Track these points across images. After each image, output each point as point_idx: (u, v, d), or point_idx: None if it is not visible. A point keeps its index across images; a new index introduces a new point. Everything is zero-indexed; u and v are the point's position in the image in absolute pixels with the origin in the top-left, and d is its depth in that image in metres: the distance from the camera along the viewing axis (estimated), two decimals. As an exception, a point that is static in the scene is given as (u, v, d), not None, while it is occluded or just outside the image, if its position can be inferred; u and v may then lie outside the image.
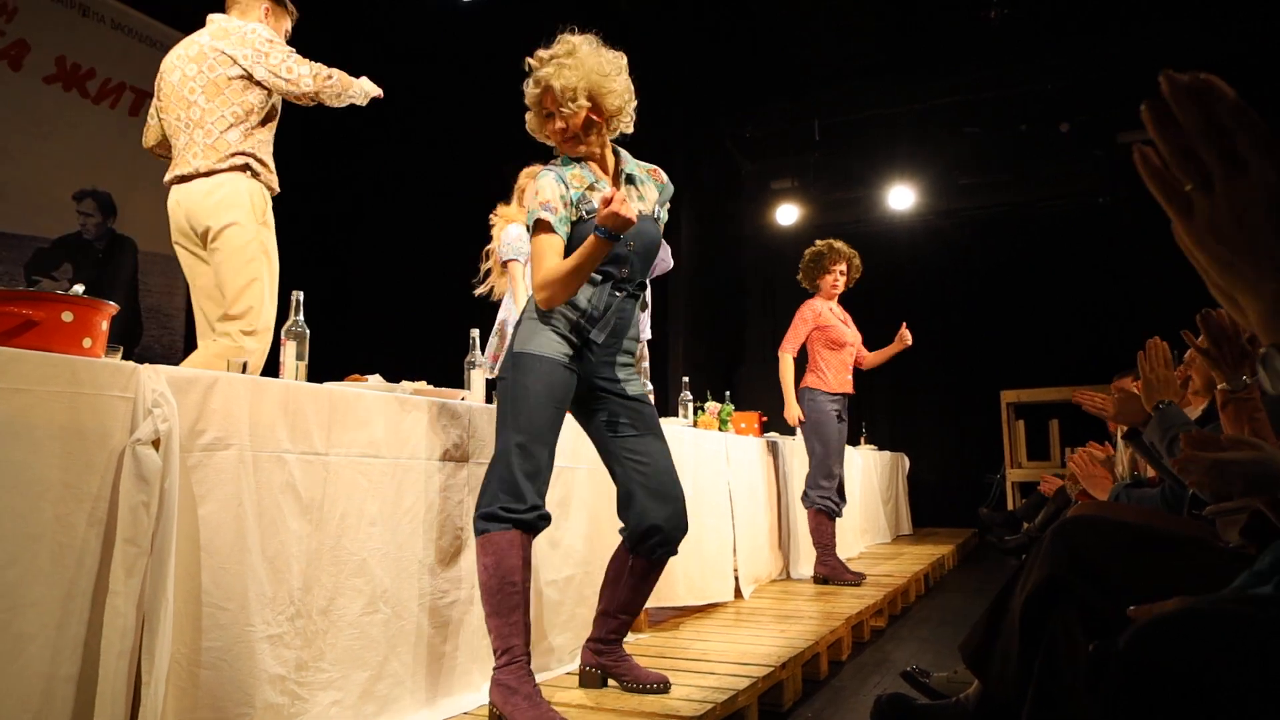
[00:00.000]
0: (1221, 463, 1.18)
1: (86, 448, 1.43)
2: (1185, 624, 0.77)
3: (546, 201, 2.10)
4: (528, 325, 2.13)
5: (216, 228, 2.82)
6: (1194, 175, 0.61)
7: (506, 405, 2.06)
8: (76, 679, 1.38)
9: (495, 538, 1.99)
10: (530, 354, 2.08)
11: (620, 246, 2.12)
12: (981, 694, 1.86)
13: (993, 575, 5.65)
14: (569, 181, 2.14)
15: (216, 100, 2.84)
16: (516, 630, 2.00)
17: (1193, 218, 0.61)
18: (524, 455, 2.01)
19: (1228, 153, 0.59)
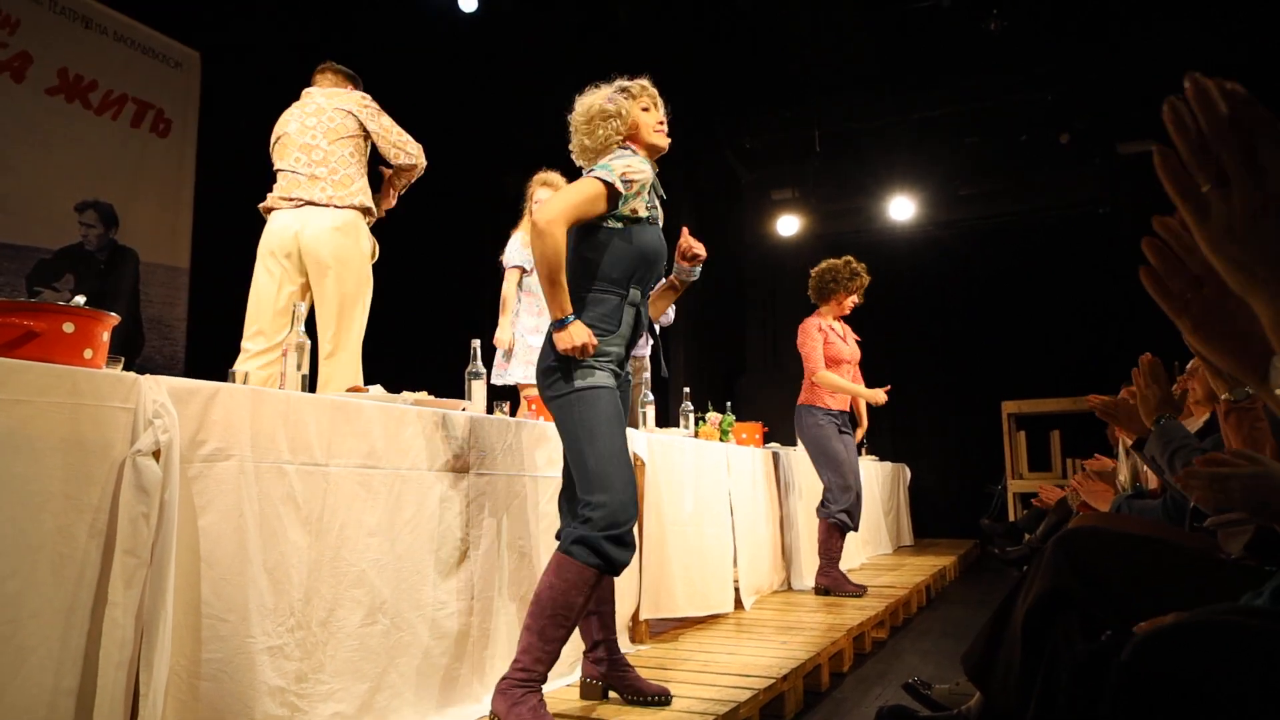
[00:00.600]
0: (1221, 477, 1.18)
1: (87, 459, 1.43)
2: (1188, 635, 0.76)
3: (631, 179, 2.13)
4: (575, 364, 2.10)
5: (334, 259, 3.11)
6: (1211, 176, 0.61)
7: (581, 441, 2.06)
8: (77, 692, 1.38)
9: (578, 567, 1.98)
10: (592, 388, 2.08)
11: (659, 264, 2.22)
12: (984, 706, 1.86)
13: (994, 586, 5.64)
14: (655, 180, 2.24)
15: (337, 144, 3.21)
16: (548, 658, 1.99)
17: (1209, 220, 0.61)
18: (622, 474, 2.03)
19: (1247, 156, 0.59)
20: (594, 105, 2.26)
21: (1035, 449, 7.98)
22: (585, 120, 2.27)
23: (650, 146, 2.29)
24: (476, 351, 2.79)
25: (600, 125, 2.25)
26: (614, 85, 2.30)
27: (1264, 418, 1.57)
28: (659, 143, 2.30)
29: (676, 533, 3.32)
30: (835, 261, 4.60)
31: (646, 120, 2.28)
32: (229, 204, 5.39)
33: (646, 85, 2.32)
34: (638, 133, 2.28)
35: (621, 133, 2.26)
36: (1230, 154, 0.60)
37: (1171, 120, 0.62)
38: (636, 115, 2.27)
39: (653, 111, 2.30)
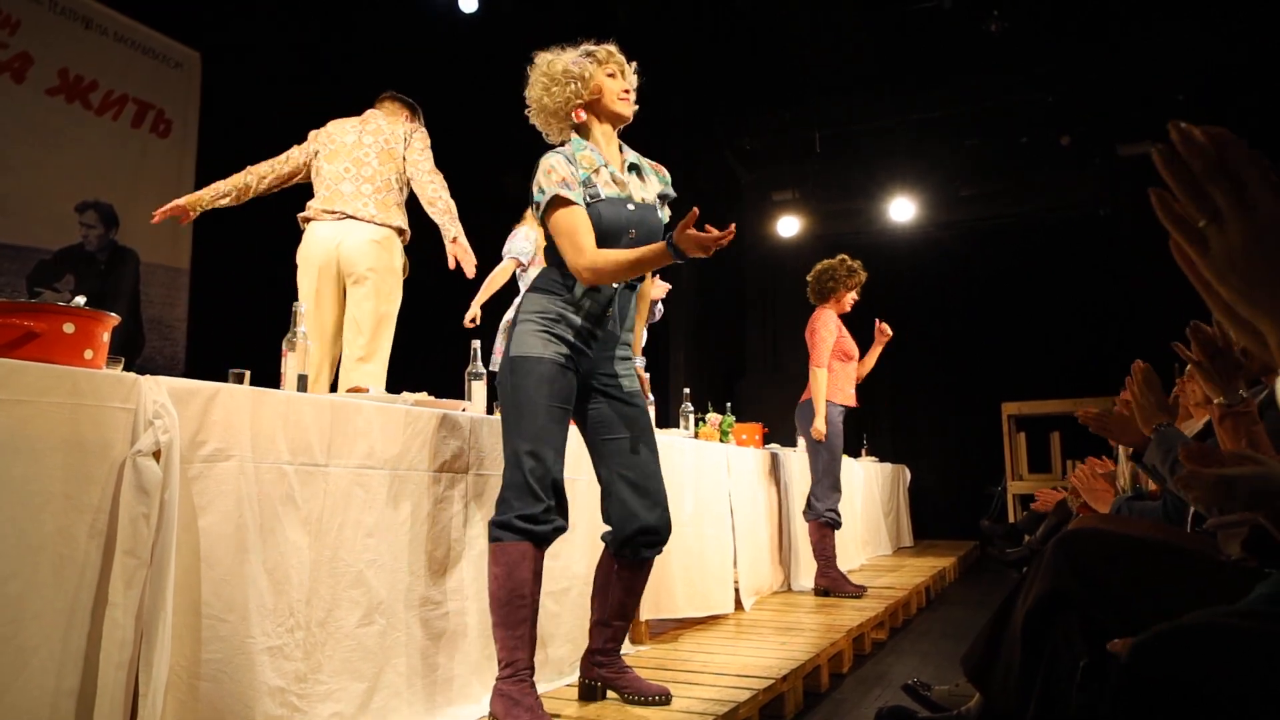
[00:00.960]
0: (1225, 478, 1.17)
1: (87, 459, 1.43)
2: (1188, 637, 0.76)
3: (563, 179, 2.11)
4: (524, 328, 2.12)
5: (372, 270, 3.24)
6: (1207, 212, 0.64)
7: (510, 411, 2.06)
8: (78, 692, 1.38)
9: (507, 548, 1.99)
10: (527, 357, 2.07)
11: (622, 238, 2.14)
12: (983, 707, 1.86)
13: (994, 588, 5.64)
14: (578, 161, 2.16)
15: (387, 165, 3.32)
16: (522, 644, 1.99)
17: (1210, 253, 0.65)
18: (534, 459, 2.01)
19: (1237, 193, 0.63)
20: (557, 65, 2.21)
21: (1035, 450, 7.99)
22: (547, 78, 2.22)
23: (613, 115, 2.25)
24: (476, 352, 2.79)
25: (561, 87, 2.21)
26: (580, 49, 2.25)
27: (1260, 420, 1.57)
28: (623, 111, 2.25)
29: (677, 534, 3.31)
30: (830, 261, 4.60)
31: (611, 86, 2.23)
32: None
33: (614, 51, 2.27)
34: (600, 98, 2.23)
35: (582, 97, 2.22)
36: (1221, 193, 0.64)
37: (1163, 164, 0.66)
38: (600, 80, 2.23)
39: (618, 79, 2.25)
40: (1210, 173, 0.64)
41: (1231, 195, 0.63)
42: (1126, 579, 1.44)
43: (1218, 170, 0.63)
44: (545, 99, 2.23)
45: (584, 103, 2.22)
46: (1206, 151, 0.64)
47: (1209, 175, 0.64)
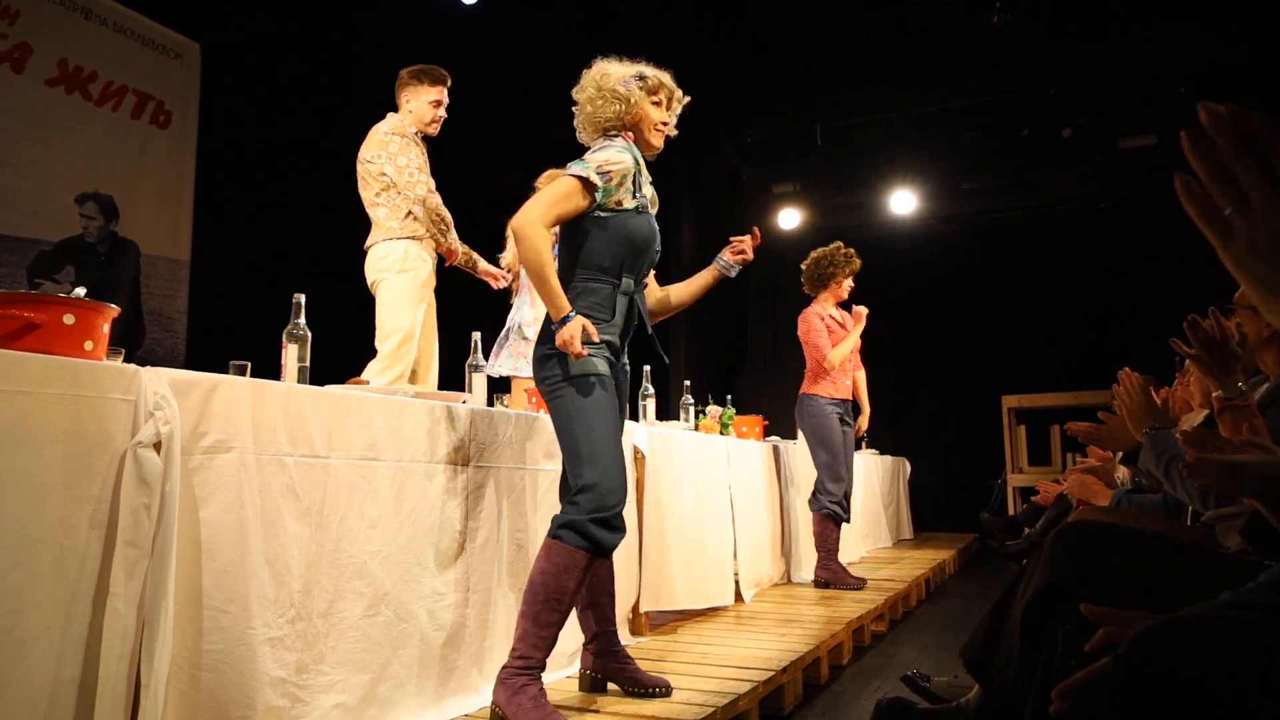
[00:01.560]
0: (1233, 465, 1.17)
1: (88, 450, 1.43)
2: (1186, 629, 0.77)
3: (609, 171, 2.11)
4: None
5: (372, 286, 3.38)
6: (1232, 199, 0.63)
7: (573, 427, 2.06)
8: (79, 682, 1.38)
9: (567, 550, 2.00)
10: (586, 375, 2.08)
11: (651, 252, 2.22)
12: (982, 698, 1.86)
13: (994, 580, 5.64)
14: (641, 169, 2.21)
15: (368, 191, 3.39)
16: (544, 643, 2.00)
17: (1233, 240, 0.63)
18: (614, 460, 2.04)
19: (1265, 175, 0.61)
20: (609, 80, 2.22)
21: (1035, 443, 8.00)
22: (597, 90, 2.23)
23: (645, 143, 2.28)
24: (477, 344, 2.79)
25: (607, 103, 2.22)
26: (635, 69, 2.26)
27: (1259, 414, 1.57)
28: (654, 142, 2.28)
29: (676, 525, 3.33)
30: (827, 248, 4.60)
31: (652, 116, 2.25)
32: (230, 196, 5.40)
33: (666, 81, 2.28)
34: (639, 125, 2.25)
35: (624, 119, 2.23)
36: (1248, 173, 0.61)
37: (1191, 147, 0.63)
38: (644, 108, 2.24)
39: (662, 110, 2.27)
40: (1238, 153, 0.62)
41: (1260, 178, 0.61)
42: (1126, 571, 1.44)
43: (1245, 151, 0.61)
44: (589, 108, 2.25)
45: (622, 125, 2.24)
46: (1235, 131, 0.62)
47: (1236, 156, 0.62)
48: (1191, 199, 0.65)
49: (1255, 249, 0.62)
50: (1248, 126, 0.61)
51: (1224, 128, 0.62)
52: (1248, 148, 0.61)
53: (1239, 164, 0.62)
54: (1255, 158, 0.61)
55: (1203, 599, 0.89)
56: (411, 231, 3.30)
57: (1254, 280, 0.63)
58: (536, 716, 1.90)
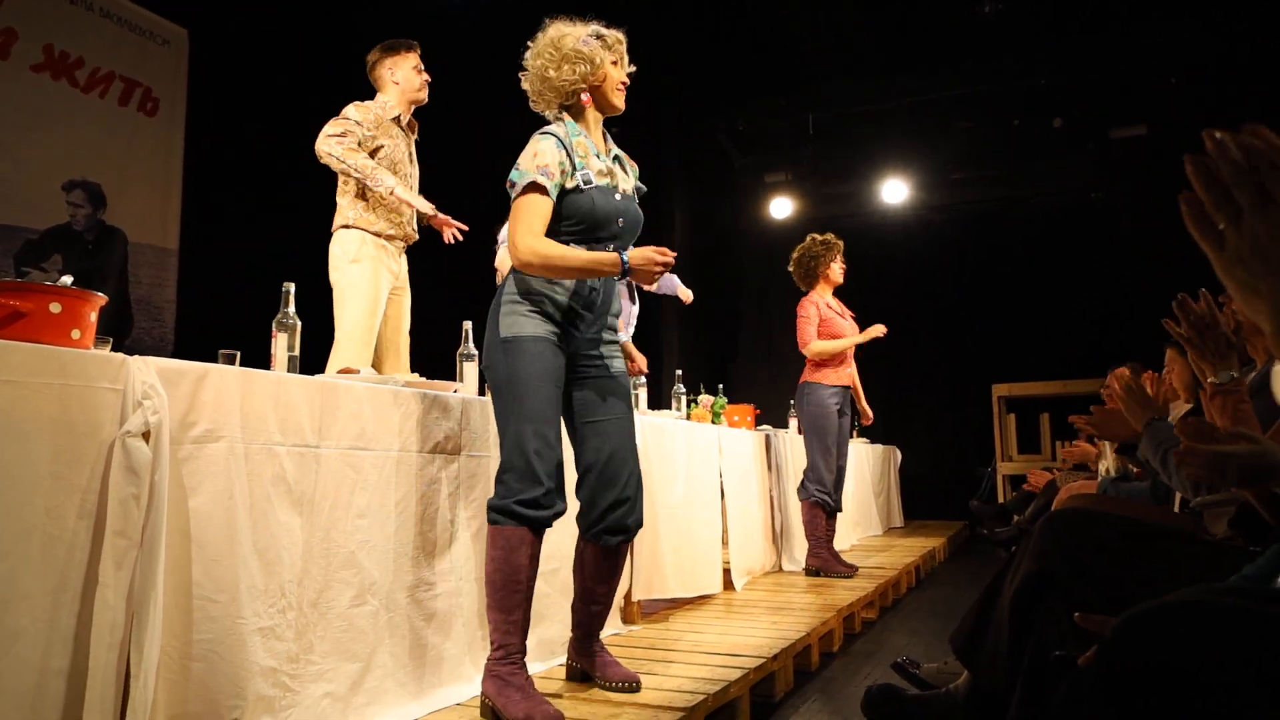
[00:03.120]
0: (1221, 455, 1.18)
1: (76, 440, 1.42)
2: (1171, 615, 0.77)
3: (545, 166, 2.07)
4: (510, 309, 2.10)
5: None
6: (1228, 214, 0.69)
7: (506, 392, 2.04)
8: (67, 673, 1.38)
9: (506, 532, 1.99)
10: (520, 337, 2.05)
11: (611, 225, 2.14)
12: (971, 684, 1.87)
13: (983, 567, 5.68)
14: (573, 148, 2.14)
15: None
16: (516, 628, 2.00)
17: (1224, 250, 0.70)
18: (539, 439, 2.00)
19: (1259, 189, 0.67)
20: (568, 42, 2.17)
21: (1025, 432, 8.03)
22: (556, 52, 2.16)
23: (609, 104, 2.23)
24: (468, 333, 2.79)
25: (570, 65, 2.16)
26: (589, 28, 2.21)
27: (1248, 399, 1.58)
28: (618, 102, 2.24)
29: (668, 514, 3.34)
30: (803, 244, 4.63)
31: (614, 76, 2.22)
32: (219, 185, 5.36)
33: (621, 39, 2.25)
34: (601, 85, 2.20)
35: (588, 80, 2.18)
36: (1245, 190, 0.68)
37: (1194, 172, 0.70)
38: (606, 67, 2.20)
39: (620, 67, 2.24)
40: (1238, 177, 0.68)
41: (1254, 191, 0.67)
42: (1113, 559, 1.45)
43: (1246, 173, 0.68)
44: (550, 72, 2.17)
45: (588, 87, 2.19)
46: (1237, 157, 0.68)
47: (1237, 179, 0.68)
48: (1192, 214, 0.71)
49: (1241, 256, 0.69)
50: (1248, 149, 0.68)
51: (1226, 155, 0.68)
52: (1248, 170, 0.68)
53: (1237, 182, 0.68)
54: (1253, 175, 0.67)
55: (1189, 585, 0.90)
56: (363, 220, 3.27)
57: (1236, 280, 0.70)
58: (525, 707, 1.90)
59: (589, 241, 2.12)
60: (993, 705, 1.74)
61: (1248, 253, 0.68)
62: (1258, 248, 0.67)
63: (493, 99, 3.21)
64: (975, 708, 1.85)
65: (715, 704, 2.13)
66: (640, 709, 2.00)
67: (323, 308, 3.24)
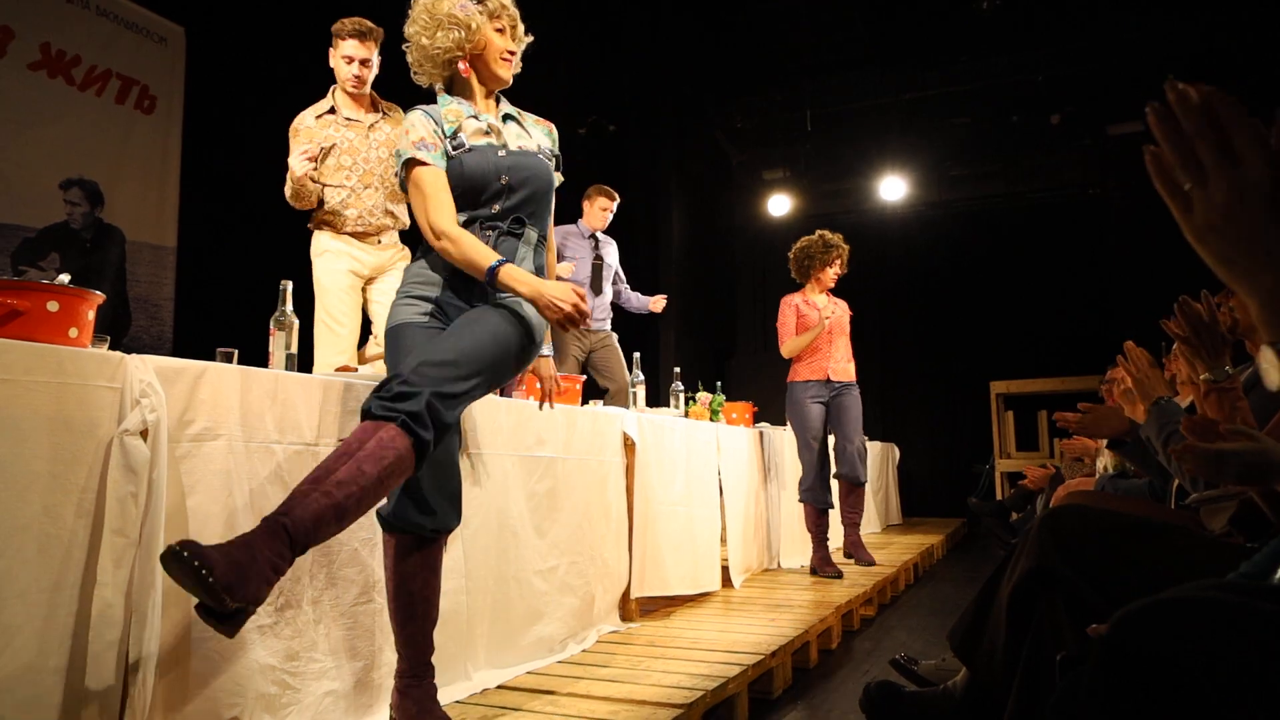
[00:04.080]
0: (1221, 452, 1.19)
1: (74, 438, 1.42)
2: (1169, 611, 0.77)
3: (421, 139, 1.97)
4: (395, 299, 2.02)
5: None
6: (1194, 174, 0.65)
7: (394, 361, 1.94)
8: (65, 671, 1.38)
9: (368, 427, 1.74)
10: (394, 327, 1.96)
11: (492, 184, 2.00)
12: (969, 681, 1.88)
13: (981, 564, 5.69)
14: (442, 117, 2.03)
15: None
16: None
17: (1192, 214, 0.66)
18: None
19: (1224, 149, 0.63)
20: (444, 5, 2.00)
21: (1023, 429, 8.05)
22: (430, 18, 2.01)
23: (491, 76, 2.07)
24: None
25: (445, 31, 2.00)
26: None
27: (1244, 396, 1.59)
28: (501, 74, 2.07)
29: (666, 512, 3.34)
30: (807, 239, 4.63)
31: (497, 44, 2.05)
32: (216, 182, 5.35)
33: (507, 4, 2.08)
34: (482, 54, 2.05)
35: (464, 48, 2.03)
36: (1208, 148, 0.64)
37: (1156, 122, 0.66)
38: (488, 34, 2.04)
39: (506, 36, 2.08)
40: (1200, 130, 0.64)
41: (1217, 150, 0.64)
42: (1111, 555, 1.45)
43: (1207, 129, 0.64)
44: (424, 40, 2.04)
45: (466, 55, 2.05)
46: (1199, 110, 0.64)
47: (1199, 133, 0.64)
48: (1158, 172, 0.68)
49: (1210, 223, 0.65)
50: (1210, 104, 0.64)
51: (1189, 107, 0.65)
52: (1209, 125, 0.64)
53: (1200, 141, 0.64)
54: (1215, 133, 0.64)
55: (1187, 581, 0.90)
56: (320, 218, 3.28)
57: (1210, 251, 0.66)
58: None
59: (475, 206, 2.00)
60: (991, 702, 1.74)
61: (1219, 220, 0.64)
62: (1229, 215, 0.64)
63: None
64: (973, 704, 1.85)
65: (713, 701, 2.13)
66: (639, 705, 2.00)
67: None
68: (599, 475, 2.95)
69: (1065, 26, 7.36)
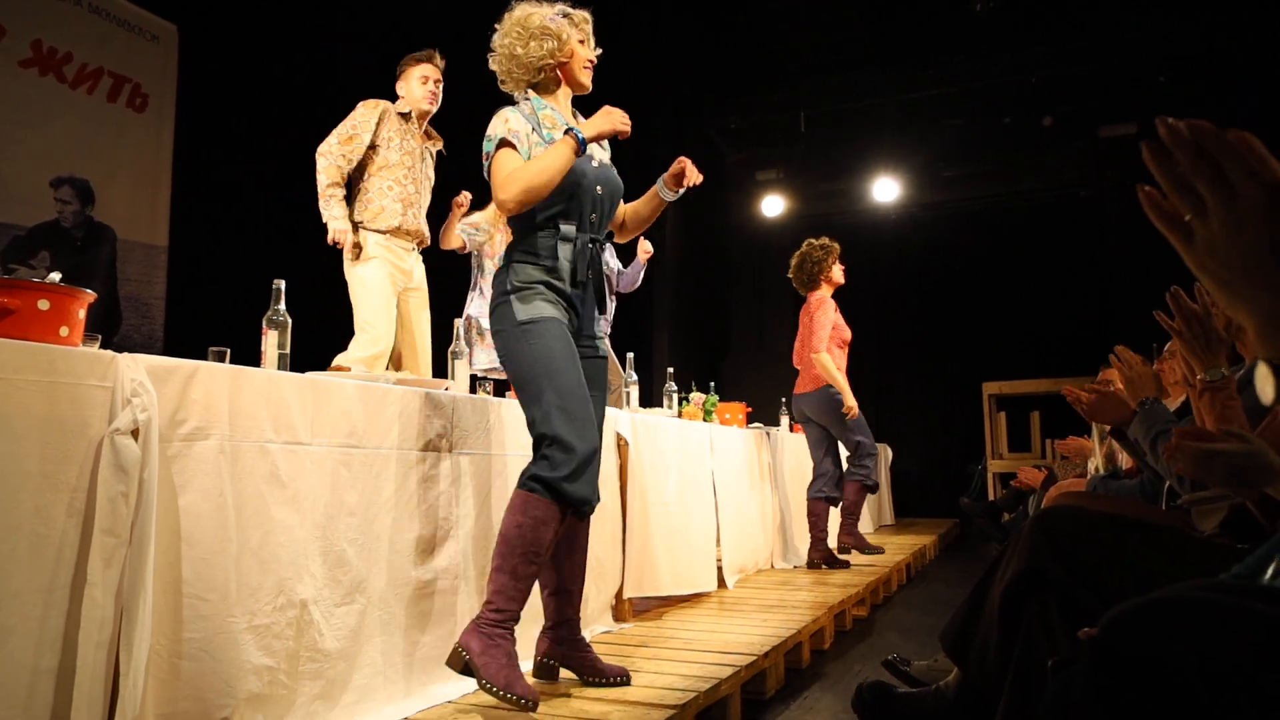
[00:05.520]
0: (1210, 453, 1.19)
1: (64, 438, 1.41)
2: (1160, 611, 0.77)
3: (515, 130, 2.11)
4: (523, 295, 2.10)
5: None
6: (1191, 204, 0.67)
7: (538, 372, 2.02)
8: (56, 671, 1.37)
9: (541, 503, 1.97)
10: (540, 319, 2.06)
11: (590, 189, 2.16)
12: (961, 681, 1.88)
13: (973, 564, 5.70)
14: (541, 121, 2.16)
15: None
16: (521, 595, 1.99)
17: (1193, 244, 0.68)
18: (566, 415, 1.99)
19: (1218, 181, 0.65)
20: (534, 20, 2.20)
21: (1015, 429, 8.07)
22: (523, 30, 2.19)
23: (576, 82, 2.27)
24: (459, 331, 2.78)
25: (539, 42, 2.19)
26: (556, 6, 2.24)
27: (1237, 396, 1.59)
28: (585, 81, 2.27)
29: (660, 512, 3.34)
30: (801, 250, 4.65)
31: (581, 54, 2.25)
32: (209, 181, 5.32)
33: (587, 18, 2.28)
34: (570, 62, 2.24)
35: (556, 57, 2.21)
36: (1205, 183, 0.66)
37: (1151, 159, 0.68)
38: (573, 44, 2.23)
39: (587, 46, 2.26)
40: (1195, 166, 0.65)
41: (1214, 183, 0.65)
42: (1102, 556, 1.46)
43: (1201, 163, 0.65)
44: (519, 49, 2.20)
45: (556, 63, 2.22)
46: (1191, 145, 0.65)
47: (1194, 169, 0.65)
48: (1154, 207, 0.69)
49: (1212, 251, 0.66)
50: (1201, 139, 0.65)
51: (1180, 143, 0.66)
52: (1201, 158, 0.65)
53: (1195, 171, 0.66)
54: (1209, 168, 0.65)
55: (1178, 582, 0.90)
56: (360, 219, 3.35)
57: (1211, 277, 0.68)
58: (507, 675, 1.88)
59: (569, 211, 2.14)
60: (982, 702, 1.75)
61: (1221, 249, 0.66)
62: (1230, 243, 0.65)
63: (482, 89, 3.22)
64: (965, 704, 1.86)
65: (706, 701, 2.13)
66: (631, 706, 2.00)
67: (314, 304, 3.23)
68: (605, 470, 2.95)
69: (1058, 28, 7.38)
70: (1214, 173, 0.65)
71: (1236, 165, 0.64)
